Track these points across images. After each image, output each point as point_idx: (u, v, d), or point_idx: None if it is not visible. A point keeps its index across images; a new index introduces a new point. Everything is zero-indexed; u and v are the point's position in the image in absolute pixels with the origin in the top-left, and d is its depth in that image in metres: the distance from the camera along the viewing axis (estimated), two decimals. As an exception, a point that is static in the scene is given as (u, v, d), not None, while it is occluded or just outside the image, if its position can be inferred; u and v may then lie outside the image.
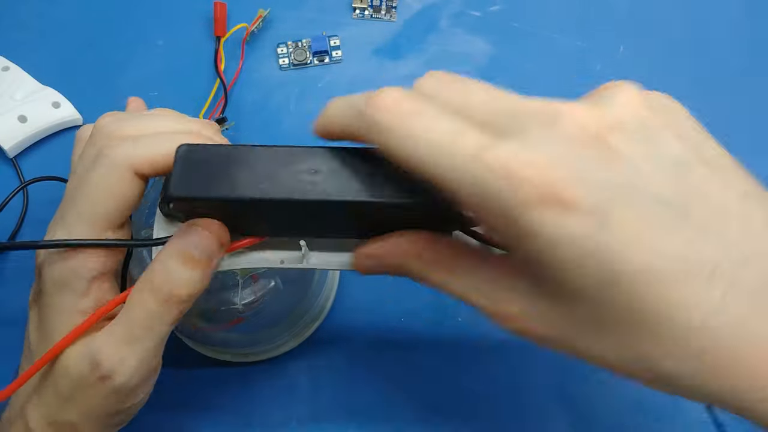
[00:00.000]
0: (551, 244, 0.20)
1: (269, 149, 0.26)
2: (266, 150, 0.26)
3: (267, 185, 0.26)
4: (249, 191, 0.26)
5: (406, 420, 0.41)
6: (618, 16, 0.53)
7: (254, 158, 0.26)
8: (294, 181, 0.26)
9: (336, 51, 0.52)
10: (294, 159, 0.26)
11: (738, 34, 0.52)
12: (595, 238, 0.20)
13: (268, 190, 0.26)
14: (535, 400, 0.42)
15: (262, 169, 0.26)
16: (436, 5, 0.54)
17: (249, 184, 0.26)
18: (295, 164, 0.26)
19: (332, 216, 0.27)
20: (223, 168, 0.26)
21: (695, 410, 0.41)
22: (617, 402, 0.42)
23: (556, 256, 0.20)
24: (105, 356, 0.26)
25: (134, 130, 0.28)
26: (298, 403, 0.42)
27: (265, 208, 0.27)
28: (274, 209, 0.27)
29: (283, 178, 0.26)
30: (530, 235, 0.20)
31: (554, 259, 0.20)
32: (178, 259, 0.27)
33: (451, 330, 0.44)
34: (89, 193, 0.27)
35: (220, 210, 0.27)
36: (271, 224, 0.29)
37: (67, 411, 0.27)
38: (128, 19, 0.53)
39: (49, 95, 0.49)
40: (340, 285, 0.45)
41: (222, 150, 0.26)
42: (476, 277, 0.25)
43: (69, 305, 0.27)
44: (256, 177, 0.26)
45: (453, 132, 0.22)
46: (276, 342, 0.42)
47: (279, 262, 0.30)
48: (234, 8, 0.52)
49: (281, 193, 0.26)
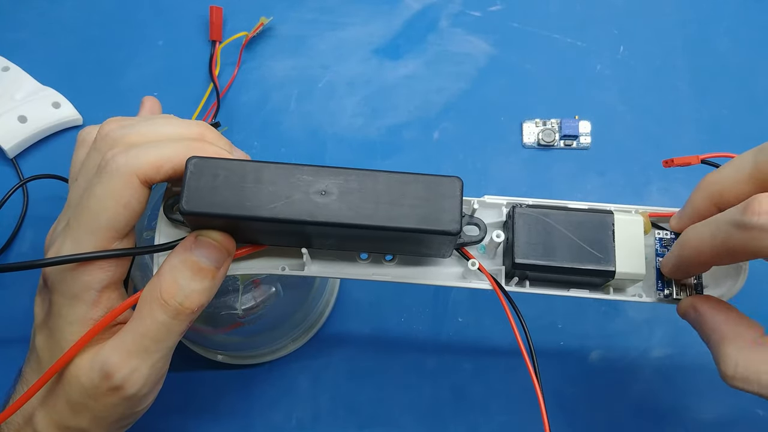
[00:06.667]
0: None
1: (279, 167, 0.26)
2: (276, 168, 0.26)
3: (278, 205, 0.26)
4: (260, 210, 0.26)
5: (404, 423, 0.41)
6: (618, 16, 0.53)
7: (265, 175, 0.26)
8: (304, 202, 0.26)
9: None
10: (304, 178, 0.26)
11: (738, 34, 0.52)
12: None
13: (279, 210, 0.26)
14: (534, 402, 0.42)
15: (273, 187, 0.26)
16: (436, 5, 0.54)
17: (260, 202, 0.26)
18: (305, 183, 0.26)
19: (338, 235, 0.28)
20: (234, 184, 0.26)
21: (695, 411, 0.42)
22: (617, 405, 0.42)
23: None
24: (116, 367, 0.26)
25: (138, 136, 0.28)
26: (298, 405, 0.42)
27: (273, 225, 0.27)
28: (282, 226, 0.27)
29: (293, 198, 0.26)
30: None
31: None
32: (187, 270, 0.27)
33: (450, 331, 0.44)
34: (96, 204, 0.27)
35: (228, 223, 0.27)
36: (277, 237, 0.29)
37: (79, 418, 0.28)
38: (128, 19, 0.53)
39: (49, 95, 0.49)
40: (341, 289, 0.45)
41: (233, 165, 0.26)
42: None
43: (81, 316, 0.28)
44: (267, 196, 0.26)
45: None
46: (276, 345, 0.42)
47: (280, 269, 0.31)
48: (236, 7, 0.52)
49: (292, 214, 0.26)
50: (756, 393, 0.26)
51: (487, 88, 0.51)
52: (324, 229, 0.27)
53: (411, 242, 0.28)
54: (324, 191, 0.26)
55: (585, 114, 0.49)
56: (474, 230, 0.30)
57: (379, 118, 0.50)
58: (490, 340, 0.43)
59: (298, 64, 0.52)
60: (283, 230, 0.28)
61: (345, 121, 0.50)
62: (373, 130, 0.50)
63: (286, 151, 0.49)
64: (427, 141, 0.49)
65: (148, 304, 0.27)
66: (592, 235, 0.30)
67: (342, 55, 0.52)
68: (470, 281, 0.31)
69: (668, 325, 0.44)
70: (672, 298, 0.31)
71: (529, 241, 0.30)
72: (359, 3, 0.54)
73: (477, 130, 0.49)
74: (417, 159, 0.49)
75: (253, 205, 0.26)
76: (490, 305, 0.44)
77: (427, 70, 0.52)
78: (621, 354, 0.43)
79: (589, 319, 0.44)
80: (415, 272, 0.31)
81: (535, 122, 0.49)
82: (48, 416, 0.28)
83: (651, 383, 0.42)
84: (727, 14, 0.53)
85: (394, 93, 0.51)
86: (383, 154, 0.49)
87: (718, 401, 0.42)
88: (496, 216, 0.32)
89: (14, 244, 0.46)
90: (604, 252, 0.29)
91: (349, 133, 0.49)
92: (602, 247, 0.29)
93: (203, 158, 0.26)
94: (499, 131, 0.49)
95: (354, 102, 0.50)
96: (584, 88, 0.51)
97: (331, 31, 0.53)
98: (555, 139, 0.49)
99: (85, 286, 0.27)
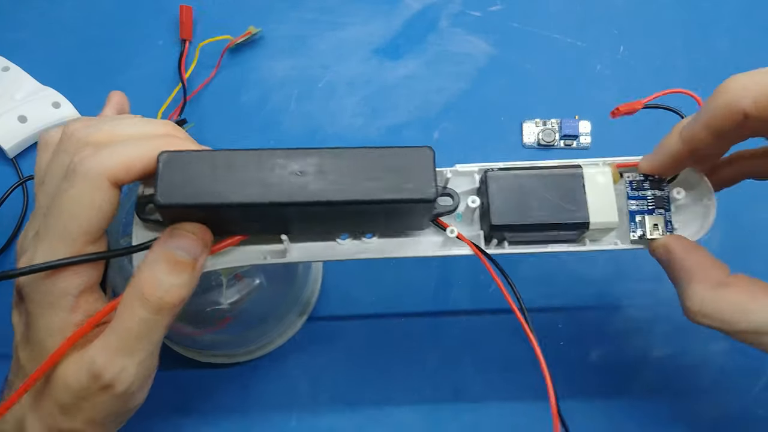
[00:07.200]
0: None
1: (251, 152, 0.26)
2: (248, 153, 0.26)
3: (254, 189, 0.26)
4: (236, 196, 0.26)
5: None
6: (618, 16, 0.53)
7: (238, 162, 0.26)
8: (281, 184, 0.26)
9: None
10: (278, 161, 0.26)
11: (738, 34, 0.52)
12: None
13: (255, 193, 0.26)
14: (535, 400, 0.42)
15: (247, 173, 0.26)
16: (436, 5, 0.54)
17: (235, 188, 0.26)
18: (279, 167, 0.26)
19: (318, 215, 0.28)
20: (207, 174, 0.26)
21: (695, 411, 0.41)
22: (617, 405, 0.42)
23: None
24: (104, 367, 0.26)
25: (105, 136, 0.28)
26: (295, 398, 0.42)
27: (252, 211, 0.27)
28: (261, 211, 0.27)
29: (269, 181, 0.26)
30: None
31: None
32: (164, 264, 0.27)
33: (444, 318, 0.44)
34: (67, 209, 0.26)
35: (205, 214, 0.27)
36: (256, 224, 0.29)
37: (72, 420, 0.27)
38: (128, 19, 0.53)
39: (49, 95, 0.49)
40: (325, 277, 0.45)
41: (205, 156, 0.26)
42: None
43: (60, 323, 0.27)
44: (242, 181, 0.26)
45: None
46: (264, 340, 0.42)
47: (262, 258, 0.31)
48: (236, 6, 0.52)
49: (270, 197, 0.26)
50: (717, 328, 0.28)
51: (487, 88, 0.51)
52: (303, 210, 0.26)
53: (389, 215, 0.28)
54: (300, 172, 0.26)
55: (585, 114, 0.49)
56: (448, 200, 0.31)
57: (379, 118, 0.50)
58: (490, 330, 0.43)
59: (298, 64, 0.52)
60: (261, 216, 0.27)
61: (345, 121, 0.50)
62: (373, 130, 0.50)
63: (286, 151, 0.49)
64: (427, 141, 0.49)
65: (130, 302, 0.27)
66: (563, 191, 0.30)
67: (342, 55, 0.52)
68: (450, 249, 0.31)
69: (668, 325, 0.44)
70: (645, 238, 0.32)
71: (503, 203, 0.30)
72: (359, 3, 0.54)
73: (477, 130, 0.49)
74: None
75: (229, 192, 0.26)
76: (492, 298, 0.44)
77: (427, 70, 0.52)
78: (621, 354, 0.43)
79: (589, 319, 0.44)
80: (396, 247, 0.32)
81: (535, 122, 0.49)
82: (40, 421, 0.28)
83: (651, 383, 0.42)
84: (727, 14, 0.53)
85: (394, 93, 0.51)
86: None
87: (718, 401, 0.42)
88: (469, 183, 0.32)
89: (14, 244, 0.46)
90: (577, 205, 0.30)
91: (349, 133, 0.49)
92: (575, 200, 0.30)
93: (174, 152, 0.26)
94: (499, 131, 0.49)
95: (354, 102, 0.50)
96: (584, 88, 0.51)
97: (331, 31, 0.53)
98: (555, 139, 0.49)
99: (62, 292, 0.27)
